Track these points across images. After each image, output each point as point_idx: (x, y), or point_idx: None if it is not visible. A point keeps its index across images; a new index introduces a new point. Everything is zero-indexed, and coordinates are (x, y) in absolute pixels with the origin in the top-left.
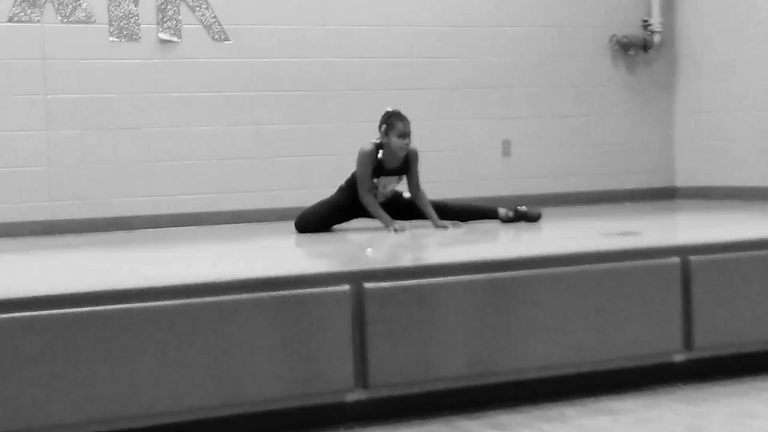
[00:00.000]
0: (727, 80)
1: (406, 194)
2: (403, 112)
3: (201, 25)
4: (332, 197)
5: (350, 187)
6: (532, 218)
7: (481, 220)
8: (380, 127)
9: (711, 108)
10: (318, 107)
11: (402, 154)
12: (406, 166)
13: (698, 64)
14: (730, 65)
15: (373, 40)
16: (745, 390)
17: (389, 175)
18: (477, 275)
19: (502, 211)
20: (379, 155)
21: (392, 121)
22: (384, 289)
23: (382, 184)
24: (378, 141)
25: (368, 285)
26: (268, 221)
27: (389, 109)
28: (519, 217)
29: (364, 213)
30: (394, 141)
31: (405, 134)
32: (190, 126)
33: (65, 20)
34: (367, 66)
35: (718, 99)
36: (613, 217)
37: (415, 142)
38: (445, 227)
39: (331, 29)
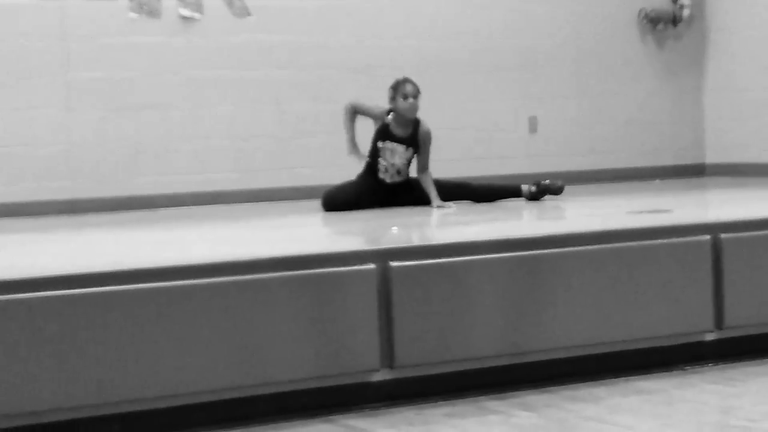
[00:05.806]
0: (758, 56)
1: None
2: (429, 89)
3: (222, 1)
4: (357, 180)
5: (369, 171)
6: (555, 191)
7: (505, 199)
8: (389, 95)
9: (741, 84)
10: (340, 85)
11: (410, 116)
12: (415, 138)
13: (728, 39)
14: (760, 40)
15: (395, 17)
16: None
17: (396, 141)
18: (504, 254)
19: (525, 187)
20: (389, 117)
21: (397, 85)
22: (410, 268)
23: (388, 151)
24: (389, 107)
25: (394, 264)
26: (290, 200)
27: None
28: (542, 191)
29: (389, 202)
30: (400, 102)
31: (408, 95)
32: (212, 104)
33: None
34: (391, 44)
35: (749, 75)
36: (642, 195)
37: (441, 119)
38: (443, 206)
39: (354, 6)
